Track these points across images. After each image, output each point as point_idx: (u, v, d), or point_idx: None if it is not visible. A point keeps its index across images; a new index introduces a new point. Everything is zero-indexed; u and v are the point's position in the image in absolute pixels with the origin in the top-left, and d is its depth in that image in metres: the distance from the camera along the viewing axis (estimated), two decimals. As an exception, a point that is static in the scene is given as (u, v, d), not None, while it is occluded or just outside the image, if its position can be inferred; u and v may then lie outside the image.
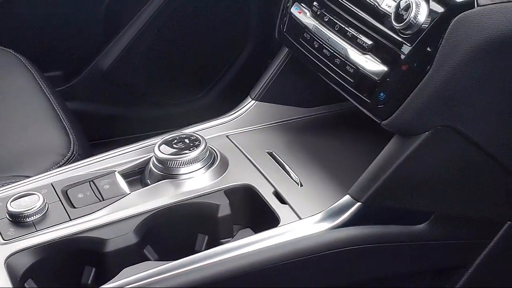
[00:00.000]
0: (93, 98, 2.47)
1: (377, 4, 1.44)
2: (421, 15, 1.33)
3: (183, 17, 2.45)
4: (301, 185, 1.55)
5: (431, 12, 1.33)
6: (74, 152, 1.75)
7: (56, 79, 2.38)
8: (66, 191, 1.51)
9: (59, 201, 1.47)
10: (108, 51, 2.42)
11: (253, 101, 1.74)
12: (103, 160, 1.60)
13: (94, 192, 1.50)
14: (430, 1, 1.34)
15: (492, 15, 1.29)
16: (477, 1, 1.29)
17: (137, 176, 1.58)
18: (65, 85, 2.43)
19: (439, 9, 1.33)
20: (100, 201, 1.47)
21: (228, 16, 2.52)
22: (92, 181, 1.52)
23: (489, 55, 1.31)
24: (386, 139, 1.43)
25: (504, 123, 1.40)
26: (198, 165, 1.53)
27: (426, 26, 1.33)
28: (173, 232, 1.49)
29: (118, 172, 1.55)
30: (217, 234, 1.49)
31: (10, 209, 1.42)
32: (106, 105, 2.49)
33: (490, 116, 1.38)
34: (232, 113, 1.74)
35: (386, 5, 1.42)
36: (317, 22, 1.57)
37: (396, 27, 1.37)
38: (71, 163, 1.66)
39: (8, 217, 1.43)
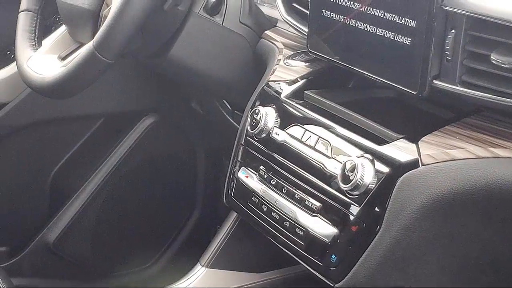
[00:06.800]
0: (39, 273, 2.41)
1: (323, 166, 1.45)
2: (367, 176, 1.34)
3: (129, 186, 2.44)
4: None
5: (377, 172, 1.35)
6: (19, 331, 1.70)
7: (0, 255, 2.33)
8: None
9: None
10: (54, 224, 2.38)
11: (204, 268, 1.72)
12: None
13: None
14: (375, 161, 1.35)
15: (436, 173, 1.30)
16: (421, 161, 1.31)
17: None
18: (10, 260, 2.38)
19: (385, 169, 1.34)
20: None
21: (174, 183, 2.52)
22: None
23: (436, 213, 1.31)
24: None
25: (457, 282, 1.39)
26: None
27: (373, 186, 1.34)
28: None
29: None
30: None
31: None
32: (53, 280, 2.43)
33: (443, 276, 1.37)
34: (182, 281, 1.71)
35: (333, 166, 1.43)
36: (264, 186, 1.58)
37: (343, 188, 1.38)
38: None
39: None
